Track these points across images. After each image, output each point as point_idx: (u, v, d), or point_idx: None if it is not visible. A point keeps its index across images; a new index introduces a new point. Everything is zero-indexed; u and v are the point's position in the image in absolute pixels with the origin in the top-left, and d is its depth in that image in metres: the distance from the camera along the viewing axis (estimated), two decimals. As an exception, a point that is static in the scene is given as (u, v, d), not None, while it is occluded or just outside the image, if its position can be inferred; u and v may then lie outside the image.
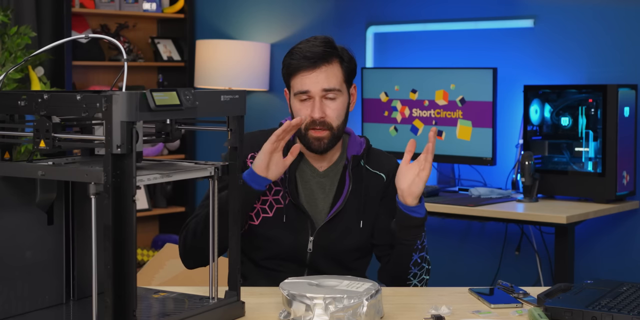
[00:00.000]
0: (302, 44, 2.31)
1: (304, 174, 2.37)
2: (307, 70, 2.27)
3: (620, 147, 3.60)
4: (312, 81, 2.27)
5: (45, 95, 1.65)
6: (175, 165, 1.84)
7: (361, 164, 2.38)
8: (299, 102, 2.29)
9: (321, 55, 2.27)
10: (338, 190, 2.35)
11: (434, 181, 4.25)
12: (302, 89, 2.28)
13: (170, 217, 5.35)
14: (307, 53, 2.27)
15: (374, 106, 4.28)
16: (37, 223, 1.83)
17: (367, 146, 2.42)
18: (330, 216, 2.32)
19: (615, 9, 3.83)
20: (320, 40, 2.31)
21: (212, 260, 1.90)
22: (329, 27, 4.71)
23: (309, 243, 2.32)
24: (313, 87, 2.27)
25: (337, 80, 2.29)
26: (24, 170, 1.69)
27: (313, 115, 2.27)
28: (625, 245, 3.82)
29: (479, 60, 4.19)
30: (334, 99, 2.29)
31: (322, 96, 2.28)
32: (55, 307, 1.87)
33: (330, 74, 2.28)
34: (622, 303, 1.88)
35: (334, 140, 2.31)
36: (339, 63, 2.30)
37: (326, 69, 2.28)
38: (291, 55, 2.30)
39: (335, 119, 2.29)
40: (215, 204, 1.88)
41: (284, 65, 2.32)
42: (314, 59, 2.27)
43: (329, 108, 2.28)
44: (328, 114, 2.28)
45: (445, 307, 1.95)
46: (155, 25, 5.44)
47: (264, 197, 2.32)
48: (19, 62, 3.95)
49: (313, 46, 2.29)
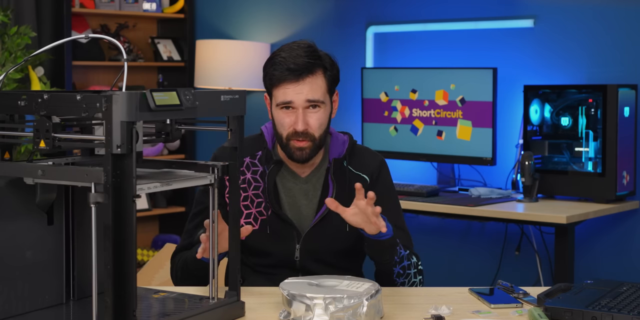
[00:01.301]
0: (284, 53, 2.25)
1: (286, 182, 2.34)
2: (291, 82, 2.23)
3: (620, 147, 3.60)
4: (296, 92, 2.23)
5: (45, 95, 1.65)
6: (175, 173, 1.84)
7: (344, 166, 2.34)
8: (282, 112, 2.25)
9: (305, 66, 2.22)
10: (322, 195, 2.32)
11: (434, 181, 4.25)
12: (285, 100, 2.24)
13: (170, 217, 5.35)
14: (291, 65, 2.22)
15: (374, 106, 4.28)
16: (37, 223, 1.83)
17: (351, 144, 2.37)
18: (315, 222, 2.29)
19: (615, 9, 3.83)
20: (303, 48, 2.25)
21: (212, 260, 1.91)
22: (329, 27, 4.71)
23: (296, 251, 2.30)
24: (296, 99, 2.23)
25: (321, 92, 2.25)
26: (24, 170, 1.69)
27: (296, 128, 2.23)
28: (625, 245, 3.82)
29: (479, 60, 4.19)
30: (316, 110, 2.25)
31: (305, 107, 2.24)
32: (55, 307, 1.87)
33: (314, 86, 2.24)
34: (622, 303, 1.88)
35: (315, 149, 2.27)
36: (322, 73, 2.26)
37: (310, 81, 2.23)
38: (273, 65, 2.25)
39: (317, 129, 2.25)
40: (216, 207, 1.88)
41: (266, 74, 2.27)
42: (298, 71, 2.22)
43: (312, 119, 2.25)
44: (311, 124, 2.24)
45: (445, 307, 1.95)
46: (155, 25, 5.44)
47: (248, 211, 2.31)
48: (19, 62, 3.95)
49: (297, 56, 2.23)
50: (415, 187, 3.89)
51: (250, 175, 2.33)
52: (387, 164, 2.44)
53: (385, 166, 2.40)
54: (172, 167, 1.89)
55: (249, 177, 2.33)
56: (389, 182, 2.40)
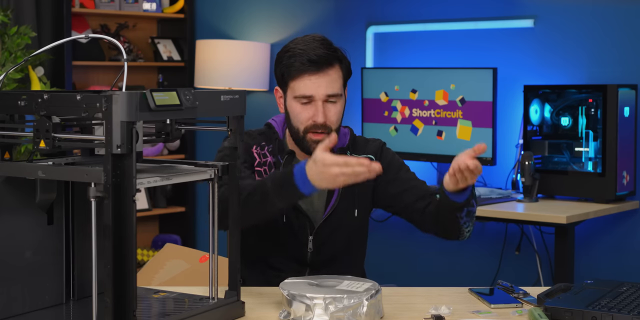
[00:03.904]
0: (301, 44, 2.26)
1: None
2: (312, 74, 2.24)
3: (620, 147, 3.60)
4: (316, 85, 2.25)
5: (45, 95, 1.65)
6: (175, 167, 1.84)
7: (348, 155, 2.36)
8: (300, 105, 2.27)
9: (325, 59, 2.24)
10: None
11: (434, 181, 4.25)
12: (305, 94, 2.25)
13: (170, 217, 5.35)
14: (313, 56, 2.23)
15: (374, 106, 4.28)
16: (37, 223, 1.83)
17: (352, 136, 2.41)
18: (327, 214, 2.32)
19: (615, 9, 3.83)
20: (319, 41, 2.27)
21: (211, 260, 1.90)
22: (329, 27, 4.71)
23: (309, 242, 2.32)
24: (317, 92, 2.25)
25: (339, 85, 2.29)
26: (24, 170, 1.69)
27: (317, 120, 2.26)
28: (625, 245, 3.82)
29: (479, 60, 4.19)
30: (335, 103, 2.28)
31: (324, 100, 2.27)
32: (55, 307, 1.87)
33: (333, 79, 2.26)
34: (622, 303, 1.88)
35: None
36: (339, 66, 2.29)
37: (330, 73, 2.26)
38: (293, 56, 2.25)
39: (335, 122, 2.29)
40: (215, 205, 1.88)
41: (283, 65, 2.27)
42: (319, 64, 2.24)
43: (331, 112, 2.28)
44: (329, 117, 2.27)
45: (445, 307, 1.95)
46: (155, 25, 5.43)
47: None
48: (19, 62, 3.95)
49: (316, 48, 2.25)
50: (415, 187, 3.89)
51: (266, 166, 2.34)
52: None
53: (386, 146, 2.44)
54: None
55: (263, 170, 2.33)
56: (393, 155, 2.42)
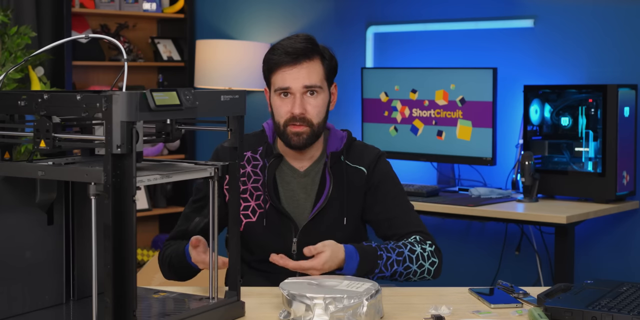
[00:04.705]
0: (283, 41, 2.32)
1: (285, 176, 2.36)
2: (288, 65, 2.27)
3: (620, 147, 3.60)
4: (293, 77, 2.27)
5: (45, 95, 1.65)
6: (175, 165, 1.84)
7: (341, 160, 2.36)
8: (279, 99, 2.30)
9: (302, 51, 2.27)
10: (320, 189, 2.34)
11: (434, 181, 4.25)
12: (282, 86, 2.28)
13: (170, 217, 5.35)
14: (289, 49, 2.27)
15: (374, 106, 4.28)
16: (37, 223, 1.83)
17: (349, 140, 2.40)
18: (312, 216, 2.31)
19: (615, 9, 3.83)
20: (302, 37, 2.32)
21: (211, 260, 1.91)
22: (329, 27, 4.71)
23: (293, 244, 2.32)
24: (294, 84, 2.27)
25: (318, 77, 2.29)
26: (24, 170, 1.69)
27: (293, 111, 2.27)
28: (625, 245, 3.82)
29: (479, 60, 4.19)
30: (314, 96, 2.29)
31: (302, 93, 2.28)
32: (55, 307, 1.87)
33: (311, 70, 2.28)
34: (622, 303, 1.88)
35: (313, 137, 2.30)
36: (320, 60, 2.30)
37: (307, 65, 2.28)
38: (272, 51, 2.31)
39: (315, 115, 2.29)
40: (216, 203, 1.88)
41: (265, 61, 2.33)
42: (295, 55, 2.27)
43: (310, 104, 2.28)
44: (308, 110, 2.28)
45: (445, 307, 1.95)
46: (155, 25, 5.43)
47: (246, 203, 2.33)
48: (19, 62, 3.95)
49: (295, 42, 2.29)
50: (415, 187, 3.89)
51: (250, 168, 2.35)
52: (387, 158, 2.45)
53: (383, 158, 2.42)
54: (172, 167, 1.89)
55: (249, 171, 2.35)
56: (388, 172, 2.41)
